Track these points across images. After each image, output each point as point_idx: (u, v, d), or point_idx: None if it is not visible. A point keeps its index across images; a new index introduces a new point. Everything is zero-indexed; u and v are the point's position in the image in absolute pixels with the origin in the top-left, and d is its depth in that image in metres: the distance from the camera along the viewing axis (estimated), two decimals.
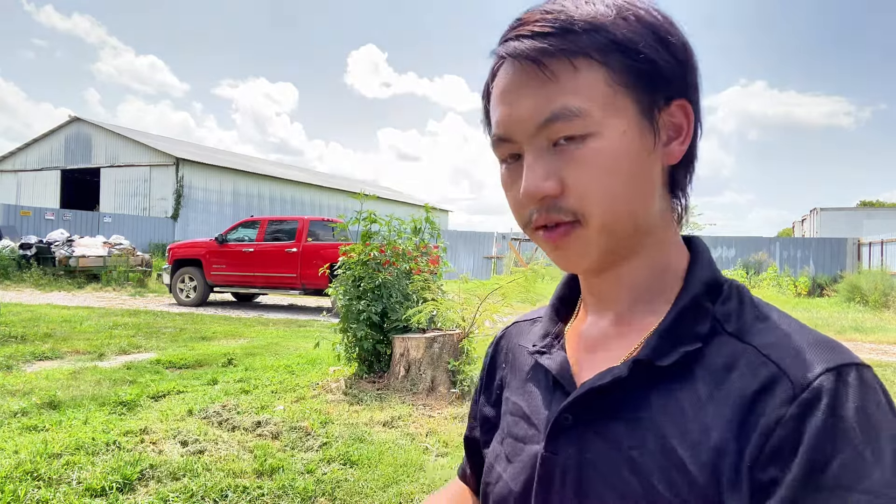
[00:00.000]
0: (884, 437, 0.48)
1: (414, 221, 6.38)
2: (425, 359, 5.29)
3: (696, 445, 0.53)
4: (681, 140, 0.61)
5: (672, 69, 0.58)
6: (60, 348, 7.20)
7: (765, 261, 22.56)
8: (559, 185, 0.57)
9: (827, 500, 0.46)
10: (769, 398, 0.51)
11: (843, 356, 0.52)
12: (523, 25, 0.58)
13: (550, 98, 0.56)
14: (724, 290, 0.61)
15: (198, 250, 12.97)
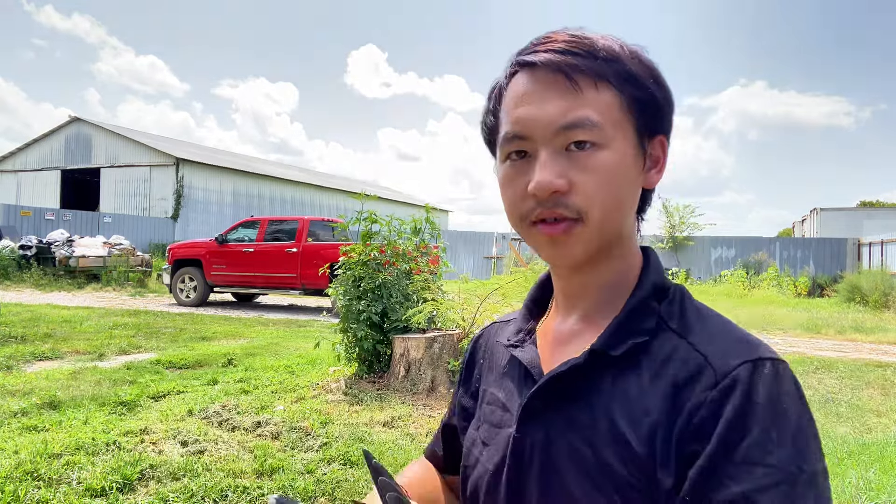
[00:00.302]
0: (788, 421, 0.56)
1: (414, 221, 6.39)
2: (425, 359, 5.29)
3: (638, 424, 0.61)
4: (657, 170, 0.71)
5: (663, 108, 0.68)
6: (60, 348, 7.20)
7: (765, 261, 22.56)
8: (568, 184, 0.64)
9: (737, 470, 0.55)
10: (696, 384, 0.60)
11: (760, 351, 0.60)
12: (551, 42, 0.66)
13: (575, 107, 0.64)
14: (669, 292, 0.70)
15: (198, 250, 12.97)
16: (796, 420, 0.57)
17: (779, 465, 0.55)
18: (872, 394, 6.08)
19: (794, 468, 0.55)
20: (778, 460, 0.55)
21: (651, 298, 0.68)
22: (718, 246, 23.94)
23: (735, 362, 0.59)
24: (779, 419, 0.56)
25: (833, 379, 6.67)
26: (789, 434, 0.56)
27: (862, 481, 3.43)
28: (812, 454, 0.57)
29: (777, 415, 0.56)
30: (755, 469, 0.54)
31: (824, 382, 6.51)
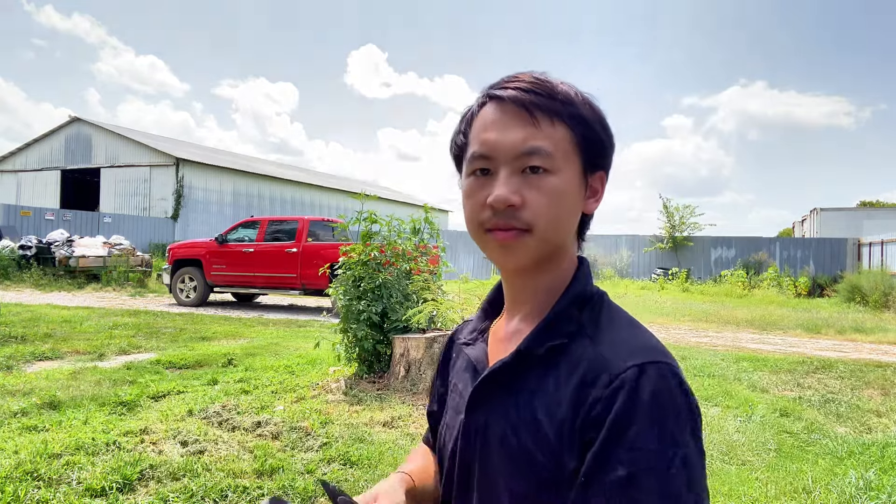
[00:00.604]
0: (666, 413, 0.67)
1: (413, 221, 6.38)
2: (425, 359, 5.29)
3: (552, 415, 0.73)
4: (595, 200, 0.84)
5: (606, 148, 0.82)
6: (60, 348, 7.20)
7: (765, 261, 22.55)
8: (521, 200, 0.76)
9: (624, 455, 0.66)
10: (597, 383, 0.71)
11: (649, 356, 0.71)
12: (519, 81, 0.79)
13: (533, 137, 0.76)
14: (592, 300, 0.82)
15: (198, 250, 12.96)
16: (674, 413, 0.67)
17: (657, 450, 0.65)
18: (872, 394, 6.08)
19: (670, 452, 0.65)
20: (657, 446, 0.66)
21: (572, 307, 0.80)
22: (718, 246, 23.94)
23: (626, 365, 0.70)
24: (658, 412, 0.67)
25: (833, 379, 6.67)
26: (668, 424, 0.67)
27: (862, 481, 3.43)
28: (686, 440, 0.67)
29: (657, 408, 0.67)
30: (638, 454, 0.65)
31: (824, 382, 6.51)
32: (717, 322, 12.44)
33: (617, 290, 19.28)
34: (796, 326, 11.67)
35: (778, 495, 3.41)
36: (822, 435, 4.62)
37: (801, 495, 3.39)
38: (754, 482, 3.58)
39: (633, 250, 25.10)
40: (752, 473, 3.77)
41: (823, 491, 3.40)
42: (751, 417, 4.97)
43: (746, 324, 12.15)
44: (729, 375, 6.64)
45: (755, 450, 4.26)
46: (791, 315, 13.32)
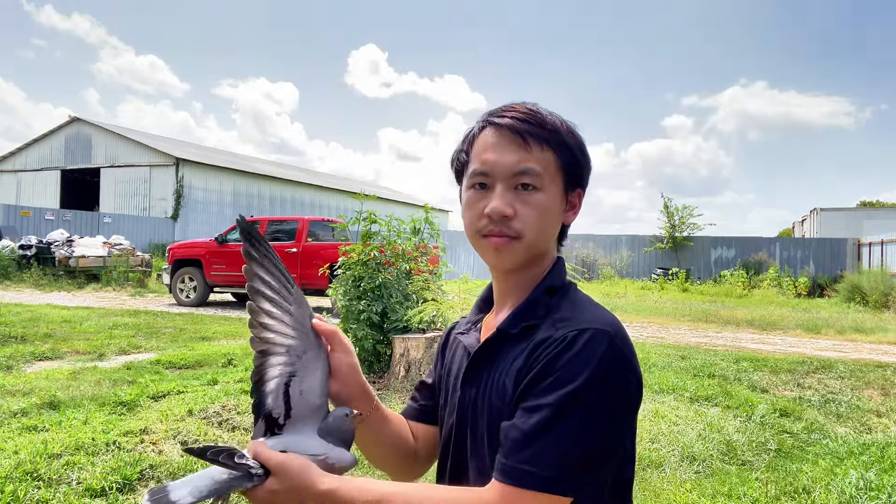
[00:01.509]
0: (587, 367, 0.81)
1: (413, 221, 6.38)
2: (425, 359, 5.29)
3: (510, 374, 0.89)
4: (573, 213, 1.01)
5: (584, 170, 1.00)
6: (60, 348, 7.20)
7: (765, 261, 22.55)
8: (514, 212, 0.92)
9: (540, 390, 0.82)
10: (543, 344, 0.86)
11: (592, 324, 0.85)
12: (515, 111, 0.95)
13: (525, 159, 0.93)
14: (562, 290, 0.97)
15: (198, 250, 12.97)
16: (593, 371, 0.80)
17: (567, 392, 0.80)
18: (872, 394, 6.08)
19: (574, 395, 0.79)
20: (568, 389, 0.80)
21: (542, 295, 0.95)
22: (718, 246, 23.94)
23: (569, 329, 0.85)
24: (580, 366, 0.81)
25: (833, 379, 6.67)
26: (583, 377, 0.80)
27: (862, 481, 3.43)
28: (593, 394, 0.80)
29: (580, 363, 0.81)
30: (551, 392, 0.81)
31: (824, 382, 6.51)
32: (717, 322, 12.44)
33: (617, 290, 19.28)
34: (796, 326, 11.67)
35: (778, 495, 3.40)
36: (822, 435, 4.61)
37: (801, 495, 3.39)
38: (754, 482, 3.58)
39: (633, 250, 25.10)
40: (752, 473, 3.76)
41: (823, 491, 3.40)
42: (751, 417, 4.97)
43: (746, 324, 12.15)
44: (729, 375, 6.64)
45: (755, 450, 4.26)
46: (791, 315, 13.32)
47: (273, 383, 0.93)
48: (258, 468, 0.85)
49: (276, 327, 0.94)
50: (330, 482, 0.84)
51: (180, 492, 0.82)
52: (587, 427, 0.79)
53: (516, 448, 0.80)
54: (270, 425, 0.93)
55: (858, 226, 27.26)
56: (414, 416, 1.15)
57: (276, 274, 0.94)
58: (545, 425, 0.79)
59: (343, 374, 0.99)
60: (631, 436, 0.90)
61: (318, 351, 0.97)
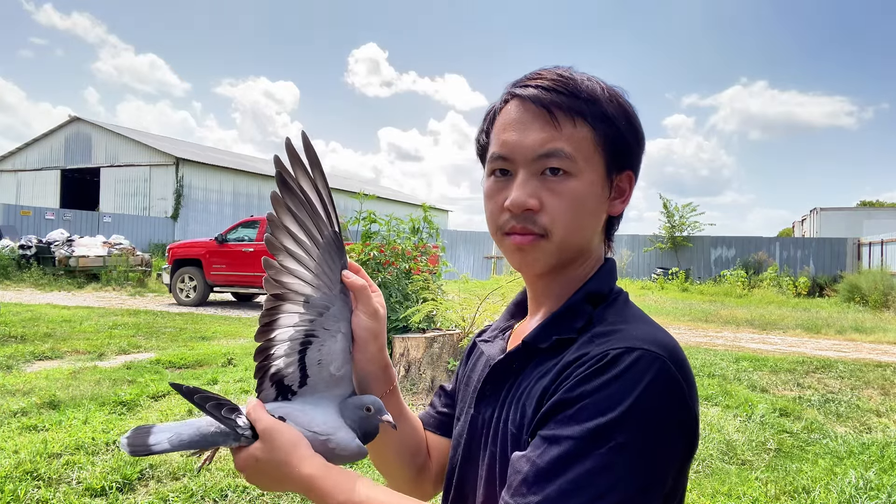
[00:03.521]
0: (628, 390, 0.63)
1: (412, 221, 6.38)
2: (425, 359, 5.29)
3: (533, 396, 0.72)
4: (622, 200, 0.81)
5: (632, 147, 0.78)
6: (60, 348, 7.20)
7: (765, 261, 22.55)
8: (539, 204, 0.74)
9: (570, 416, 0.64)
10: (574, 363, 0.69)
11: (636, 343, 0.67)
12: (541, 78, 0.76)
13: (552, 139, 0.74)
14: (608, 298, 0.79)
15: (198, 250, 12.97)
16: (637, 397, 0.62)
17: (598, 425, 0.62)
18: (872, 394, 6.08)
19: (606, 429, 0.61)
20: (599, 421, 0.62)
21: (585, 303, 0.77)
22: (718, 246, 23.93)
23: (608, 348, 0.67)
24: (620, 391, 0.63)
25: (833, 379, 6.67)
26: (623, 404, 0.62)
27: (862, 481, 3.43)
28: (633, 429, 0.62)
29: (621, 388, 0.63)
30: (578, 421, 0.63)
31: (824, 382, 6.51)
32: (717, 322, 12.44)
33: None
34: (796, 326, 11.67)
35: (778, 495, 3.41)
36: (821, 435, 4.62)
37: (800, 495, 3.39)
38: (754, 482, 3.59)
39: (633, 250, 25.10)
40: (752, 473, 3.77)
41: (823, 491, 3.40)
42: (751, 417, 4.97)
43: (746, 324, 12.15)
44: (729, 375, 6.64)
45: (755, 449, 4.26)
46: (791, 315, 13.32)
47: (286, 337, 0.81)
48: (247, 429, 0.76)
49: (297, 271, 0.79)
50: (313, 467, 0.73)
51: (160, 436, 0.76)
52: (616, 473, 0.60)
53: (525, 487, 0.63)
54: (282, 391, 0.82)
55: (858, 226, 27.26)
56: (430, 423, 0.99)
57: (310, 209, 0.78)
58: (563, 463, 0.61)
59: (360, 343, 0.82)
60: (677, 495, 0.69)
61: (344, 310, 0.81)
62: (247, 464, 0.75)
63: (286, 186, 0.77)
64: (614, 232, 0.85)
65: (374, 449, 0.90)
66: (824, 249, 22.29)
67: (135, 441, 0.75)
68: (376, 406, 0.80)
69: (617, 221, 0.84)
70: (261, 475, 0.75)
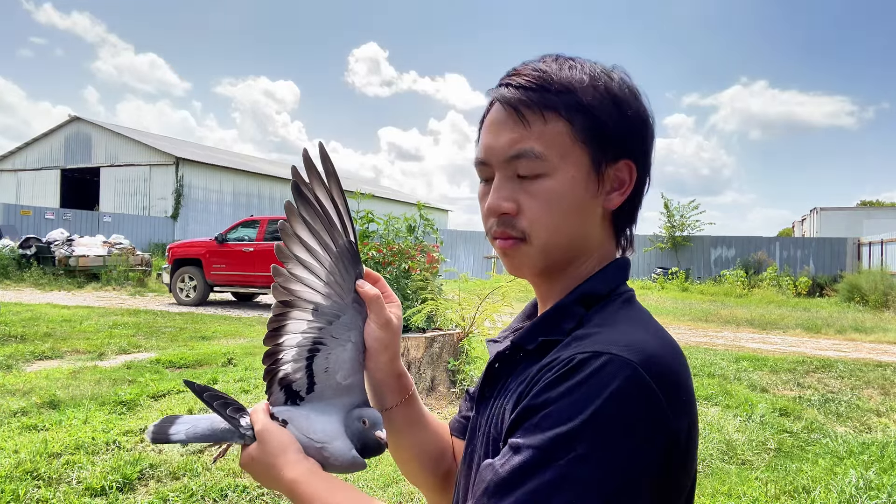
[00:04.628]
0: (581, 410, 0.59)
1: (407, 220, 6.38)
2: (425, 358, 5.29)
3: (512, 399, 0.69)
4: (621, 192, 0.74)
5: (622, 134, 0.72)
6: (60, 348, 7.20)
7: (765, 260, 22.55)
8: (516, 207, 0.72)
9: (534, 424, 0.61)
10: (550, 365, 0.65)
11: (607, 349, 0.62)
12: (515, 75, 0.73)
13: (521, 139, 0.71)
14: (607, 299, 0.74)
15: (198, 250, 12.97)
16: (594, 411, 0.58)
17: (558, 434, 0.58)
18: (872, 393, 6.08)
19: (565, 439, 0.58)
20: (559, 430, 0.59)
21: (577, 304, 0.73)
22: (718, 245, 23.94)
23: (577, 352, 0.63)
24: (578, 404, 0.59)
25: (833, 379, 6.67)
26: (580, 419, 0.58)
27: (862, 481, 3.43)
28: (591, 445, 0.58)
29: (583, 395, 0.59)
30: (540, 430, 0.60)
31: (824, 382, 6.51)
32: (717, 322, 12.44)
33: None
34: (796, 326, 11.68)
35: (778, 495, 3.41)
36: (821, 434, 4.62)
37: (801, 495, 3.39)
38: (754, 482, 3.59)
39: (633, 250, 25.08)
40: (752, 473, 3.77)
41: (823, 491, 3.40)
42: (751, 417, 4.97)
43: (746, 323, 12.15)
44: (729, 375, 6.64)
45: (755, 449, 4.26)
46: (791, 315, 13.32)
47: (293, 343, 0.82)
48: (248, 429, 0.79)
49: (307, 279, 0.79)
50: (296, 471, 0.73)
51: (180, 427, 0.81)
52: (576, 486, 0.57)
53: (486, 497, 0.61)
54: (291, 396, 0.83)
55: (858, 225, 27.27)
56: (456, 429, 0.94)
57: (325, 218, 0.78)
58: (523, 473, 0.59)
59: (371, 352, 0.82)
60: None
61: (356, 319, 0.81)
62: (245, 462, 0.78)
63: (301, 195, 0.77)
64: (627, 226, 0.79)
65: (395, 456, 0.92)
66: (824, 249, 22.29)
67: (158, 429, 0.80)
68: (371, 420, 0.79)
69: (626, 215, 0.77)
70: (256, 475, 0.78)
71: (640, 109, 0.73)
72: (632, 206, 0.76)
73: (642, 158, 0.75)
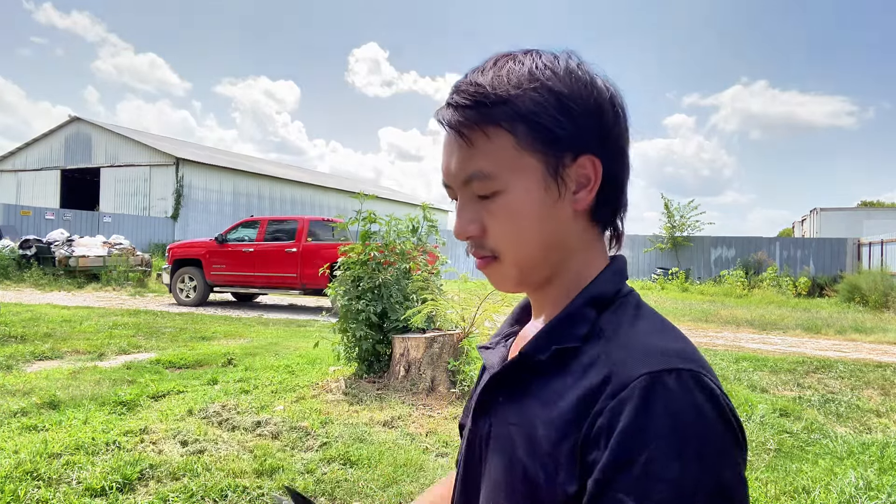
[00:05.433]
0: (688, 434, 0.55)
1: (410, 220, 6.38)
2: (425, 359, 5.29)
3: (550, 425, 0.64)
4: (588, 189, 0.70)
5: (573, 132, 0.67)
6: (60, 348, 7.20)
7: (764, 261, 22.55)
8: (481, 229, 0.70)
9: (632, 485, 0.54)
10: (601, 392, 0.61)
11: (667, 363, 0.59)
12: (455, 94, 0.70)
13: (469, 161, 0.69)
14: (616, 301, 0.71)
15: (198, 250, 12.97)
16: (698, 433, 0.55)
17: (675, 480, 0.54)
18: (872, 394, 6.08)
19: (691, 483, 0.54)
20: (675, 475, 0.54)
21: (588, 307, 0.70)
22: (718, 246, 23.94)
23: (636, 373, 0.59)
24: (678, 432, 0.55)
25: (833, 379, 6.67)
26: (690, 448, 0.55)
27: (862, 481, 3.43)
28: (717, 468, 0.55)
29: (677, 428, 0.55)
30: (650, 483, 0.54)
31: (824, 382, 6.51)
32: (717, 322, 12.44)
33: None
34: (796, 326, 11.68)
35: (778, 495, 3.41)
36: (821, 435, 4.62)
37: (801, 495, 3.39)
38: (754, 482, 3.58)
39: (633, 250, 25.10)
40: (752, 473, 3.77)
41: (823, 491, 3.40)
42: (751, 417, 4.97)
43: (746, 324, 12.15)
44: (729, 375, 6.64)
45: (755, 450, 4.26)
46: (791, 315, 13.32)
47: None
48: None
49: None
50: None
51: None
52: None
53: None
54: None
55: (858, 226, 27.26)
56: None
57: None
58: None
59: None
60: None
61: None
62: None
63: None
64: (613, 219, 0.75)
65: None
66: (824, 249, 22.29)
67: None
68: None
69: (606, 208, 0.72)
70: None
71: (593, 98, 0.68)
72: (610, 198, 0.72)
73: (607, 148, 0.70)
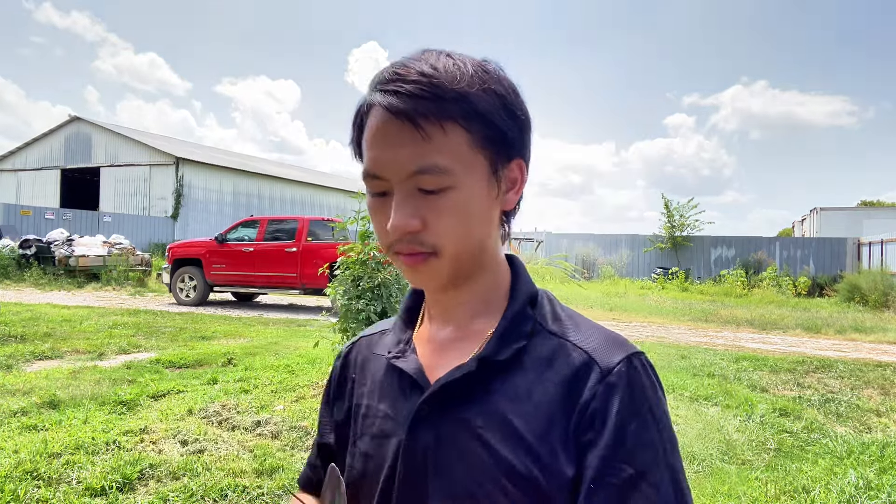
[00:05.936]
0: (657, 404, 0.68)
1: None
2: None
3: (531, 419, 0.67)
4: (515, 190, 0.74)
5: (514, 135, 0.71)
6: (60, 348, 7.20)
7: (765, 260, 22.56)
8: (422, 223, 0.68)
9: (629, 454, 0.64)
10: (584, 379, 0.68)
11: (630, 348, 0.70)
12: (402, 80, 0.67)
13: (423, 154, 0.66)
14: (538, 298, 0.77)
15: (197, 250, 12.97)
16: (659, 402, 0.68)
17: (658, 443, 0.65)
18: (872, 393, 6.08)
19: (668, 443, 0.66)
20: (656, 439, 0.65)
21: (526, 306, 0.75)
22: (718, 245, 23.94)
23: (615, 359, 0.68)
24: (650, 404, 0.67)
25: (833, 379, 6.67)
26: (659, 415, 0.67)
27: (862, 481, 3.43)
28: (669, 427, 0.68)
29: (648, 400, 0.67)
30: (643, 450, 0.64)
31: (824, 382, 6.51)
32: (717, 322, 12.44)
33: (617, 289, 19.28)
34: (796, 326, 11.68)
35: (778, 495, 3.41)
36: (821, 434, 4.62)
37: (800, 495, 3.39)
38: (754, 482, 3.59)
39: (633, 250, 25.11)
40: (752, 473, 3.77)
41: (823, 491, 3.40)
42: (751, 417, 4.97)
43: (746, 323, 12.15)
44: (729, 375, 6.64)
45: (755, 449, 4.26)
46: (791, 315, 13.32)
47: None
48: None
49: None
50: None
51: None
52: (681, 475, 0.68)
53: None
54: None
55: (858, 225, 27.27)
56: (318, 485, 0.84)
57: None
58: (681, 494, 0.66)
59: None
60: None
61: None
62: None
63: None
64: (510, 225, 0.78)
65: None
66: (824, 249, 22.29)
67: None
68: None
69: (511, 214, 0.77)
70: None
71: (523, 106, 0.72)
72: (519, 201, 0.76)
73: (528, 153, 0.75)
